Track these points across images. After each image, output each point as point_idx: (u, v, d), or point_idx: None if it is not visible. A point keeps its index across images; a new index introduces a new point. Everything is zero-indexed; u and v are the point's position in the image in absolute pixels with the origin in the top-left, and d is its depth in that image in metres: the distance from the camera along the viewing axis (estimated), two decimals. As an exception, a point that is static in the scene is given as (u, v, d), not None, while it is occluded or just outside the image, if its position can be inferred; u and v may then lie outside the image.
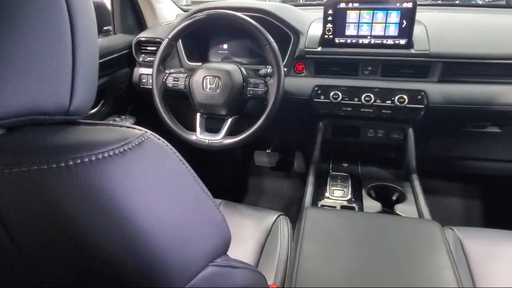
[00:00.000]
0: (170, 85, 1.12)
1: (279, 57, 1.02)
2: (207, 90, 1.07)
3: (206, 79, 1.07)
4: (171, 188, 0.35)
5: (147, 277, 0.31)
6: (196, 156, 1.83)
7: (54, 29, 0.30)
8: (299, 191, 1.67)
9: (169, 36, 1.09)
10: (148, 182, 0.32)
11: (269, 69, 1.09)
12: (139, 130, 0.34)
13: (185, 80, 1.11)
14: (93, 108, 1.27)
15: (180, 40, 1.26)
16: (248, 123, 1.08)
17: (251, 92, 1.07)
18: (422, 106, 1.08)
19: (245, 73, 1.09)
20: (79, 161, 0.28)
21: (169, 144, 0.37)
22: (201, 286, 0.36)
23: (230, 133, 1.11)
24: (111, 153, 0.30)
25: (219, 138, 1.08)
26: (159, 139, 0.36)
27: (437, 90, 1.09)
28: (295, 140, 1.53)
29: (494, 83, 1.08)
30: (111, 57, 1.26)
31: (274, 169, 1.79)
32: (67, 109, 0.32)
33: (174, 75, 1.12)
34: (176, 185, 0.36)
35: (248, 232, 1.01)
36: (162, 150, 0.35)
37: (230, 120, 1.10)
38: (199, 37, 1.33)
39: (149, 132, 0.35)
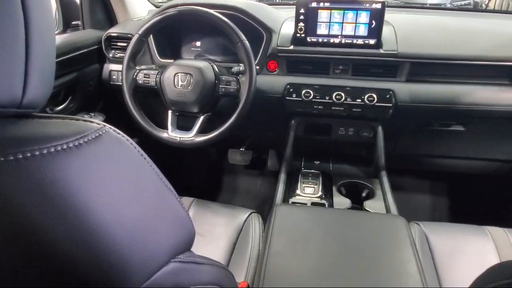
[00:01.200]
0: (140, 81, 1.10)
1: (251, 55, 1.02)
2: (179, 87, 1.06)
3: (178, 76, 1.06)
4: (130, 182, 0.34)
5: (104, 273, 0.30)
6: (170, 155, 1.81)
7: (6, 21, 0.29)
8: (272, 189, 1.67)
9: (139, 32, 1.07)
10: (106, 176, 0.31)
11: (241, 67, 1.09)
12: (97, 124, 0.33)
13: (156, 77, 1.09)
14: (60, 104, 1.23)
15: (151, 36, 1.24)
16: (220, 121, 1.07)
17: (223, 89, 1.06)
18: (391, 105, 1.11)
19: (217, 70, 1.09)
20: (29, 155, 0.27)
21: (129, 139, 0.36)
22: (163, 282, 0.35)
23: (202, 130, 1.10)
24: (65, 147, 0.29)
25: (191, 136, 1.07)
26: (118, 133, 0.35)
27: (404, 90, 1.12)
28: (269, 138, 1.53)
29: (459, 83, 1.12)
30: (79, 52, 1.22)
31: (248, 168, 1.79)
32: (20, 102, 0.31)
33: (145, 71, 1.10)
34: (136, 179, 0.35)
35: (220, 230, 1.01)
36: (121, 145, 0.34)
37: (202, 117, 1.09)
38: (172, 33, 1.32)
39: (108, 126, 0.34)
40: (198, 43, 1.35)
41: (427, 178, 1.63)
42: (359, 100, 1.12)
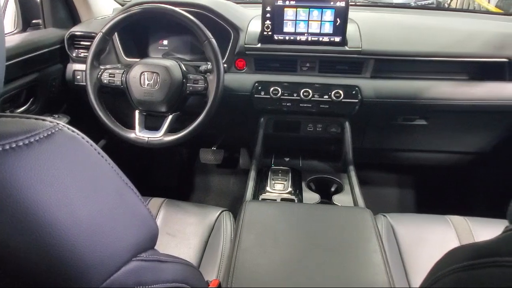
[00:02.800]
0: (105, 81, 1.07)
1: (218, 53, 1.01)
2: (145, 86, 1.04)
3: (144, 75, 1.04)
4: (86, 181, 0.33)
5: (60, 272, 0.30)
6: (141, 155, 1.78)
7: None
8: (244, 187, 1.68)
9: (103, 30, 1.04)
10: (59, 175, 0.31)
11: (209, 65, 1.09)
12: (50, 122, 0.33)
13: (121, 76, 1.07)
14: (21, 106, 1.18)
15: (116, 35, 1.22)
16: (190, 120, 1.07)
17: (190, 88, 1.06)
18: (357, 100, 1.14)
19: (184, 69, 1.08)
20: None
21: (85, 137, 0.35)
22: (124, 280, 0.35)
23: (171, 130, 1.09)
24: (14, 145, 0.28)
25: (159, 136, 1.05)
26: (73, 131, 0.34)
27: (369, 86, 1.15)
28: (240, 136, 1.54)
29: (420, 79, 1.16)
30: (40, 52, 1.18)
31: (220, 167, 1.78)
32: None
33: (110, 71, 1.08)
34: (92, 178, 0.34)
35: (191, 229, 1.01)
36: (75, 143, 0.34)
37: (170, 117, 1.08)
38: (138, 32, 1.29)
39: (62, 123, 0.34)
40: (165, 42, 1.33)
41: (394, 171, 1.69)
42: (326, 97, 1.14)
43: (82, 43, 1.27)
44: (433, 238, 0.97)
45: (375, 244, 0.71)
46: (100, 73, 1.08)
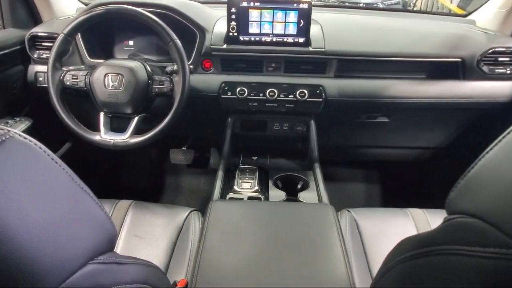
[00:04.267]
0: (68, 83, 1.06)
1: (183, 54, 1.02)
2: (110, 88, 1.03)
3: (108, 77, 1.03)
4: (39, 188, 0.34)
5: (13, 277, 0.30)
6: (109, 157, 1.75)
7: None
8: (215, 187, 1.70)
9: (65, 31, 1.02)
10: (10, 182, 0.31)
11: (175, 66, 1.09)
12: (1, 130, 0.33)
13: (85, 78, 1.05)
14: (-20, 110, 1.15)
15: (79, 36, 1.20)
16: (157, 121, 1.07)
17: (156, 89, 1.06)
18: (321, 100, 1.17)
19: (150, 70, 1.08)
20: None
21: (38, 143, 0.36)
22: (80, 283, 0.35)
23: (138, 131, 1.08)
24: None
25: (125, 138, 1.05)
26: (25, 138, 0.34)
27: (333, 85, 1.18)
28: (209, 136, 1.54)
29: (381, 78, 1.21)
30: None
31: (190, 167, 1.79)
32: None
33: (73, 72, 1.06)
34: (46, 184, 0.35)
35: (159, 230, 1.01)
36: (27, 150, 0.34)
37: (136, 118, 1.08)
38: (103, 32, 1.27)
39: (13, 131, 0.34)
40: (130, 42, 1.32)
41: (359, 167, 1.74)
42: (292, 96, 1.16)
43: (44, 44, 1.24)
44: (394, 230, 1.01)
45: (336, 238, 0.75)
46: (62, 74, 1.06)
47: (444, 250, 0.42)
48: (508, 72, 1.18)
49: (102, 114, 1.08)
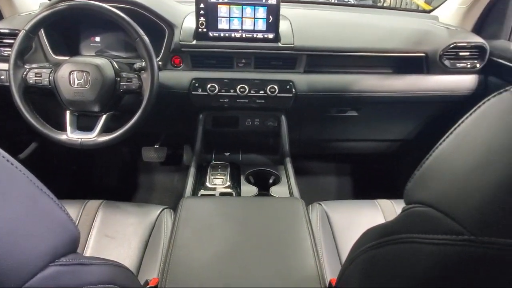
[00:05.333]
0: (31, 81, 1.02)
1: (151, 51, 1.00)
2: (75, 86, 1.01)
3: (73, 74, 1.00)
4: None
5: None
6: (78, 156, 1.71)
7: None
8: (189, 184, 1.69)
9: (26, 28, 0.99)
10: None
11: (143, 63, 1.07)
12: None
13: (49, 76, 1.02)
14: None
15: (43, 32, 1.16)
16: (127, 119, 1.05)
17: (124, 87, 1.04)
18: (291, 95, 1.18)
19: (117, 67, 1.06)
20: None
21: None
22: (40, 286, 0.35)
23: (107, 130, 1.06)
24: None
25: (93, 136, 1.03)
26: None
27: (303, 80, 1.20)
28: (182, 133, 1.53)
29: (349, 73, 1.24)
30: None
31: (163, 164, 1.77)
32: None
33: (36, 70, 1.03)
34: (1, 187, 0.34)
35: (131, 230, 1.00)
36: None
37: (104, 116, 1.05)
38: (68, 28, 1.24)
39: None
40: (97, 39, 1.28)
41: (330, 161, 1.78)
42: (262, 92, 1.17)
43: (5, 40, 1.19)
44: (363, 221, 1.04)
45: (305, 231, 0.76)
46: (25, 72, 1.02)
47: (402, 239, 0.44)
48: (469, 66, 1.23)
49: (68, 113, 1.06)
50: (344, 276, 0.59)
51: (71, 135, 1.03)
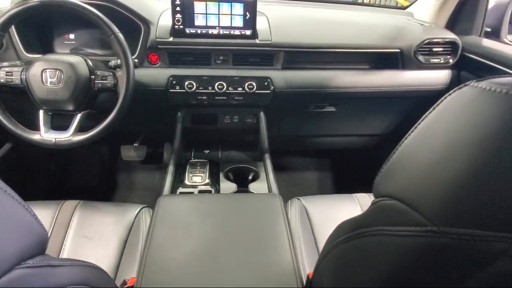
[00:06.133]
0: (2, 80, 0.99)
1: (125, 48, 0.99)
2: (48, 84, 0.98)
3: (46, 73, 0.98)
4: None
5: None
6: (56, 156, 1.68)
7: None
8: (169, 182, 1.68)
9: (-5, 25, 0.96)
10: None
11: (118, 61, 1.05)
12: None
13: (20, 75, 0.99)
14: None
15: (14, 29, 1.13)
16: (103, 117, 1.03)
17: (99, 85, 1.02)
18: (269, 91, 1.19)
19: (91, 65, 1.04)
20: None
21: None
22: (5, 290, 0.34)
23: (82, 129, 1.04)
24: None
25: (68, 136, 1.01)
26: None
27: (281, 77, 1.20)
28: (161, 131, 1.52)
29: (327, 69, 1.25)
30: None
31: (144, 163, 1.75)
32: None
33: (7, 69, 1.00)
34: None
35: (109, 230, 0.99)
36: None
37: (79, 115, 1.04)
38: (40, 25, 1.21)
39: None
40: (72, 36, 1.26)
41: (310, 157, 1.80)
42: (240, 89, 1.17)
43: (-27, 38, 1.15)
44: (341, 215, 1.04)
45: (282, 227, 0.77)
46: (-5, 71, 0.99)
47: (371, 232, 0.45)
48: (442, 61, 1.26)
49: (41, 112, 1.03)
50: (318, 269, 0.60)
51: (45, 134, 1.01)
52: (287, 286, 0.64)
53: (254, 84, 1.17)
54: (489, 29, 1.40)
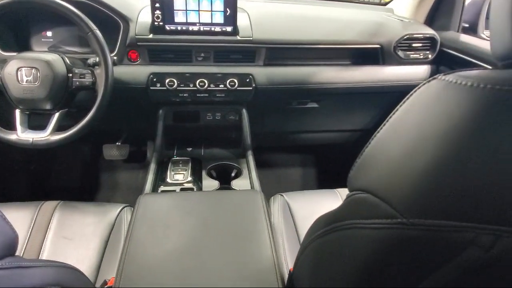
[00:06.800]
0: (-24, 79, 0.97)
1: (103, 45, 0.97)
2: (24, 83, 0.96)
3: (21, 71, 0.96)
4: None
5: None
6: (36, 156, 1.65)
7: None
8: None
9: (-33, 23, 0.93)
10: None
11: (97, 58, 1.04)
12: None
13: (-5, 73, 0.97)
14: None
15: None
16: (82, 116, 1.02)
17: (77, 83, 1.00)
18: (251, 88, 1.19)
19: (69, 62, 1.02)
20: None
21: None
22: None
23: (61, 128, 1.02)
24: None
25: (46, 136, 0.99)
26: None
27: (262, 73, 1.20)
28: (143, 130, 1.50)
29: (308, 65, 1.25)
30: None
31: (127, 162, 1.73)
32: None
33: (-19, 67, 0.98)
34: None
35: (89, 230, 0.97)
36: None
37: (57, 114, 1.02)
38: (17, 23, 1.18)
39: None
40: (49, 33, 1.23)
41: (293, 153, 1.80)
42: (222, 86, 1.17)
43: None
44: (323, 210, 1.05)
45: (263, 223, 0.77)
46: (-32, 70, 0.97)
47: (346, 225, 0.46)
48: (421, 57, 1.28)
49: (18, 112, 1.01)
50: (298, 264, 0.61)
51: (21, 134, 0.99)
52: (267, 282, 0.64)
53: (236, 81, 1.17)
54: (466, 25, 1.42)
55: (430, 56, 1.28)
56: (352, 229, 0.44)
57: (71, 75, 1.00)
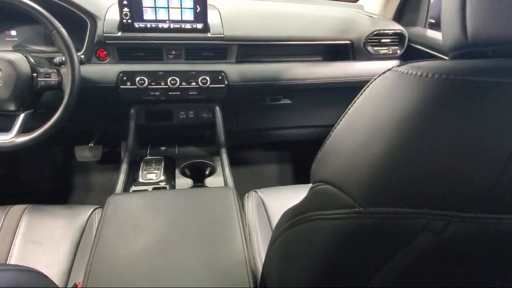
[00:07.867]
0: None
1: (69, 43, 0.95)
2: (-14, 84, 0.93)
3: (-18, 71, 0.92)
4: None
5: None
6: (4, 159, 1.59)
7: None
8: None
9: None
10: None
11: (63, 57, 1.01)
12: None
13: (-46, 74, 0.93)
14: None
15: None
16: (50, 117, 0.99)
17: (42, 83, 0.97)
18: (223, 85, 1.18)
19: (33, 62, 0.99)
20: None
21: None
22: None
23: (26, 129, 0.99)
24: None
25: (10, 138, 0.96)
26: None
27: (235, 70, 1.20)
28: (117, 130, 1.48)
29: (281, 61, 1.26)
30: None
31: (101, 163, 1.69)
32: None
33: None
34: None
35: (59, 233, 0.95)
36: None
37: (22, 115, 0.98)
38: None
39: None
40: (13, 32, 1.19)
41: (269, 149, 1.81)
42: (194, 84, 1.16)
43: None
44: (297, 205, 1.07)
45: (235, 219, 0.77)
46: None
47: (309, 217, 0.46)
48: (390, 52, 1.30)
49: (-20, 113, 0.97)
50: (267, 259, 0.61)
51: (-16, 137, 0.95)
52: (238, 276, 0.64)
53: (208, 78, 1.16)
54: (433, 21, 1.46)
55: (398, 51, 1.31)
56: (315, 221, 0.45)
57: (35, 74, 0.97)
